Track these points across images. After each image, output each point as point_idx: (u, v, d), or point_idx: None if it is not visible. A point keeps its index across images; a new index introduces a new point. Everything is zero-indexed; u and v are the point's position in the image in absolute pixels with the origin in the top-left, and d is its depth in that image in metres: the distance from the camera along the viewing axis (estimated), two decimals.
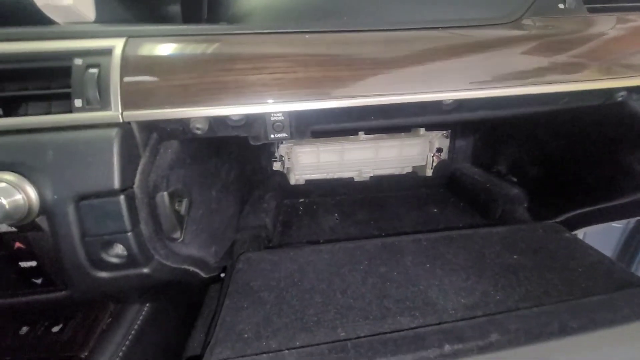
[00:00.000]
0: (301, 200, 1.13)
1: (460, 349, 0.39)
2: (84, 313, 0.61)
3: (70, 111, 0.40)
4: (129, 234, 0.42)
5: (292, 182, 1.16)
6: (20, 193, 0.39)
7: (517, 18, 0.53)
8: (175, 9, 0.60)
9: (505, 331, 0.41)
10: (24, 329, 0.58)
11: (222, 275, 0.74)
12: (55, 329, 0.58)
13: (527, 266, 0.59)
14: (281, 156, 1.14)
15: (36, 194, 0.40)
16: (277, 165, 1.15)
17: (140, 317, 0.60)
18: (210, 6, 0.58)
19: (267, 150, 1.11)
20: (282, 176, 1.14)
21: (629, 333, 0.39)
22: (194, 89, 0.42)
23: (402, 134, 1.16)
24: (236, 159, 0.84)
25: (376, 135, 1.14)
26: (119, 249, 0.44)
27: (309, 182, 1.17)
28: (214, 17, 0.58)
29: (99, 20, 0.53)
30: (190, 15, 0.59)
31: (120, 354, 0.54)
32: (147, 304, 0.62)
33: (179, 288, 0.65)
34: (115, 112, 0.40)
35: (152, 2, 0.61)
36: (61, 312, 0.61)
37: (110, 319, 0.60)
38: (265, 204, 0.91)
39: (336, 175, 1.19)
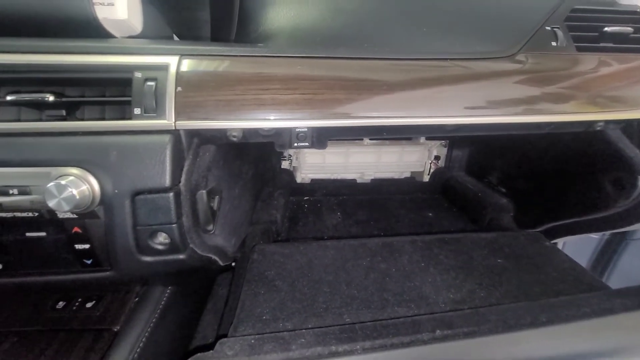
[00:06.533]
0: (306, 198, 1.19)
1: (449, 334, 0.46)
2: (112, 293, 0.68)
3: (130, 118, 0.47)
4: (174, 225, 0.49)
5: (299, 180, 1.23)
6: (85, 185, 0.45)
7: (514, 53, 0.60)
8: (206, 24, 0.66)
9: (487, 321, 0.48)
10: (61, 304, 0.64)
11: (233, 264, 0.81)
12: (89, 305, 0.65)
13: (509, 269, 0.67)
14: (289, 155, 1.20)
15: (99, 187, 0.46)
16: (285, 164, 1.21)
17: (164, 299, 0.67)
18: (238, 26, 0.64)
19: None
20: (290, 174, 1.20)
21: (586, 328, 0.47)
22: (236, 104, 0.49)
23: (403, 141, 1.22)
24: (253, 159, 0.90)
25: (379, 141, 1.20)
26: (163, 237, 0.51)
27: (314, 182, 1.24)
28: (241, 36, 0.63)
29: (143, 31, 0.59)
30: (220, 32, 0.64)
31: (149, 329, 0.60)
32: (169, 288, 0.69)
33: (199, 274, 0.72)
34: (169, 120, 0.47)
35: (186, 20, 0.67)
36: (92, 292, 0.68)
37: (137, 299, 0.66)
38: (275, 201, 0.97)
39: (340, 176, 1.26)
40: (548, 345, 0.46)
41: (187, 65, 0.48)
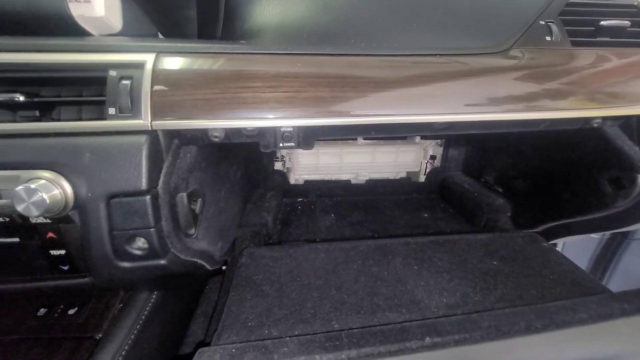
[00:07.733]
0: (300, 199, 1.17)
1: (438, 342, 0.44)
2: (96, 299, 0.66)
3: (104, 118, 0.45)
4: (152, 229, 0.47)
5: (292, 181, 1.21)
6: (57, 189, 0.43)
7: (507, 48, 0.58)
8: (192, 22, 0.64)
9: (479, 328, 0.46)
10: (42, 311, 0.62)
11: (223, 268, 0.79)
12: (71, 311, 0.62)
13: (504, 271, 0.65)
14: (282, 156, 1.18)
15: (72, 190, 0.44)
16: (278, 165, 1.19)
17: (149, 305, 0.65)
18: (225, 23, 0.62)
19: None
20: (283, 175, 1.18)
21: (583, 334, 0.45)
22: (215, 103, 0.47)
23: (398, 140, 1.20)
24: (242, 160, 0.88)
25: (374, 140, 1.19)
26: (141, 242, 0.49)
27: (307, 183, 1.22)
28: (228, 34, 0.61)
29: (124, 29, 0.57)
30: (206, 30, 0.62)
31: (132, 336, 0.58)
32: (155, 293, 0.67)
33: (186, 278, 0.70)
34: (145, 120, 0.45)
35: (172, 17, 0.65)
36: (75, 297, 0.66)
37: (121, 305, 0.64)
38: (266, 203, 0.96)
39: (334, 177, 1.24)
40: (543, 352, 0.44)
41: (164, 63, 0.47)
